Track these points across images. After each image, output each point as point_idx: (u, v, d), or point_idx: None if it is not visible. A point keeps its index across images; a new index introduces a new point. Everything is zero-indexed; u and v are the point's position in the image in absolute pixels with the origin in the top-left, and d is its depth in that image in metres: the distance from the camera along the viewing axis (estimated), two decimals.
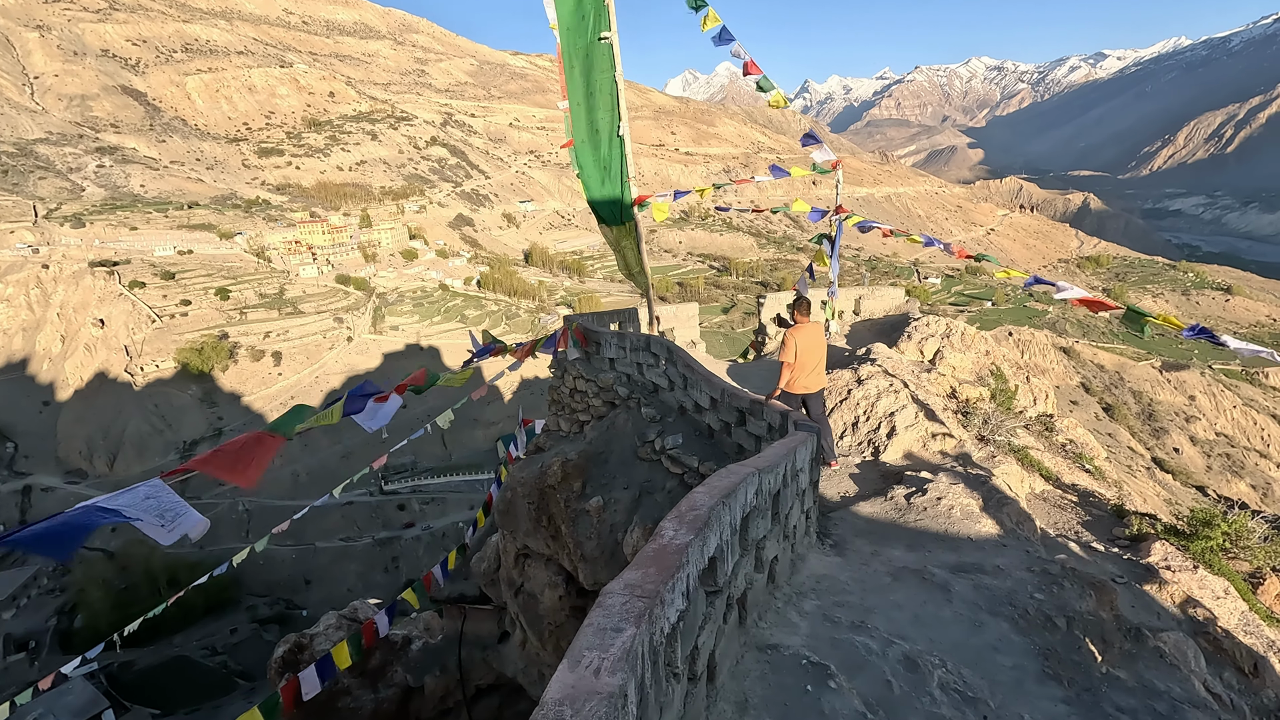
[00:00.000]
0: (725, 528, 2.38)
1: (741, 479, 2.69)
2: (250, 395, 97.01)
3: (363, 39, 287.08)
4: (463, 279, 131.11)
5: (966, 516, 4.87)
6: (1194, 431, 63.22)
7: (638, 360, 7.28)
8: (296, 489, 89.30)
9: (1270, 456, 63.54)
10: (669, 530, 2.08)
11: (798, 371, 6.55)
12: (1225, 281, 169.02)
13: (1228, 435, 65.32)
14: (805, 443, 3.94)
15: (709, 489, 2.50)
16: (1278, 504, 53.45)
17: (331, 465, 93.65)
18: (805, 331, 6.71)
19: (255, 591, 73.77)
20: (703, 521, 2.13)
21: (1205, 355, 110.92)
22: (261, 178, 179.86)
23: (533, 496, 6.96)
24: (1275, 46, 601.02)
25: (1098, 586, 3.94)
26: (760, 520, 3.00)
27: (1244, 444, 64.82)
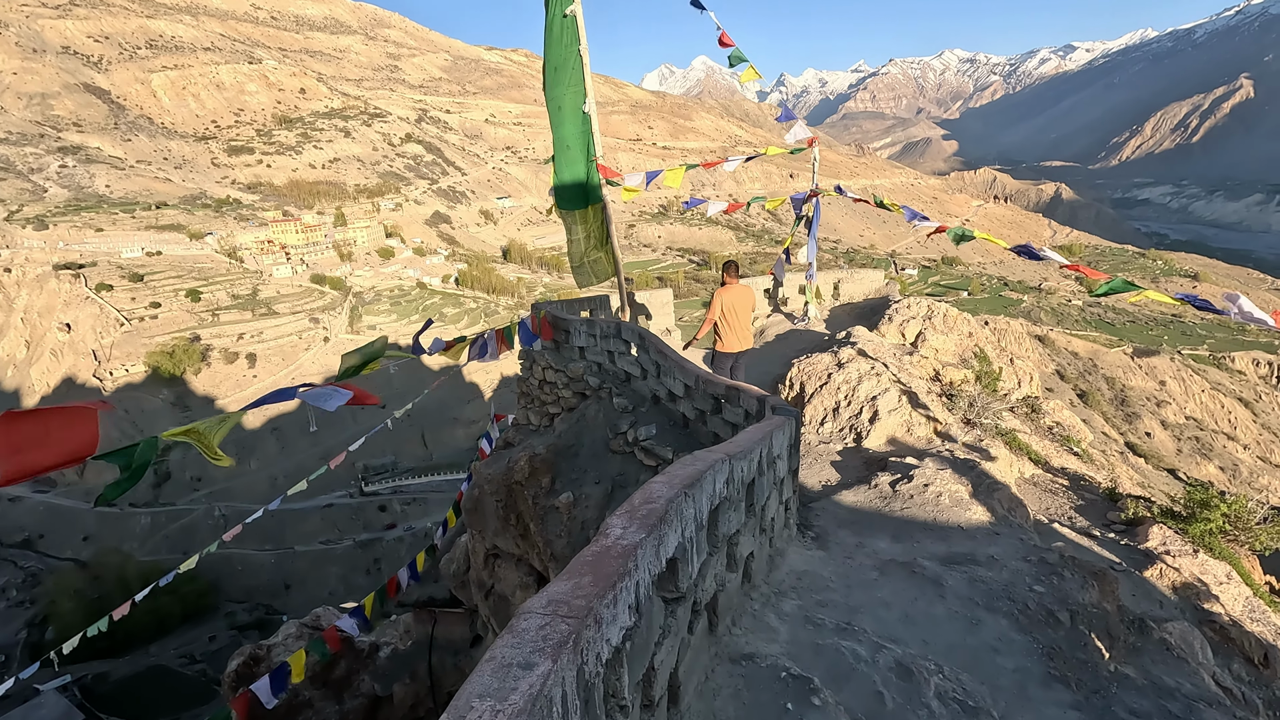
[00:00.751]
0: (688, 523, 2.03)
1: (708, 466, 2.34)
2: (225, 398, 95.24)
3: (333, 34, 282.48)
4: (440, 277, 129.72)
5: (955, 504, 4.59)
6: (1165, 416, 64.35)
7: (608, 348, 6.93)
8: (274, 492, 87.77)
9: (1237, 438, 64.93)
10: (616, 528, 1.72)
11: (725, 331, 6.94)
12: (1192, 269, 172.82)
13: (1197, 419, 66.61)
14: (783, 427, 3.61)
15: (669, 478, 2.14)
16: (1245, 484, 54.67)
17: (310, 467, 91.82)
18: (732, 292, 7.01)
19: (234, 598, 72.53)
20: (658, 516, 1.77)
21: (1174, 341, 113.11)
22: (232, 176, 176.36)
23: (500, 494, 6.60)
24: (1237, 38, 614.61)
25: (1100, 576, 3.68)
26: (732, 513, 2.67)
27: (1212, 427, 66.15)
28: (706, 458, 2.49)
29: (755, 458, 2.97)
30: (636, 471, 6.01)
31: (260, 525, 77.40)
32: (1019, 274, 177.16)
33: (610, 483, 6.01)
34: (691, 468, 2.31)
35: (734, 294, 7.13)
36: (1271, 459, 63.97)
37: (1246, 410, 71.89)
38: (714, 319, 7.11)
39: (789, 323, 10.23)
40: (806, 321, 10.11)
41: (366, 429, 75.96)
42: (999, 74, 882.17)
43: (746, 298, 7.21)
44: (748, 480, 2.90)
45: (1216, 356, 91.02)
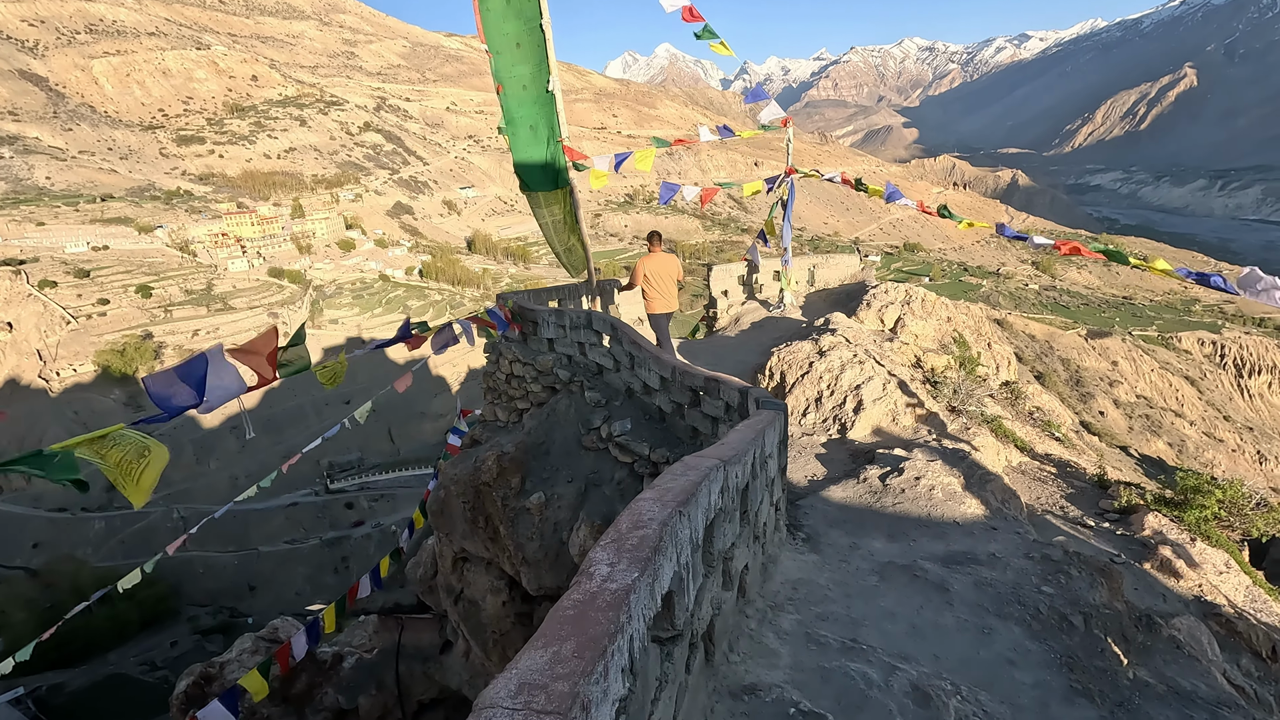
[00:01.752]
0: (684, 546, 1.74)
1: (703, 476, 2.05)
2: None
3: (286, 19, 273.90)
4: (404, 269, 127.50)
5: (949, 497, 4.40)
6: (1117, 395, 66.72)
7: (579, 340, 6.58)
8: (236, 492, 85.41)
9: (1184, 415, 67.65)
10: (602, 564, 1.39)
11: (651, 294, 7.53)
12: (1142, 252, 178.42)
13: (1147, 397, 69.18)
14: (773, 423, 3.34)
15: (660, 494, 1.84)
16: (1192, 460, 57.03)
17: (273, 465, 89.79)
18: (654, 259, 7.68)
19: (196, 601, 70.66)
20: (652, 546, 1.46)
21: (1126, 322, 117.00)
22: (182, 167, 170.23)
23: (468, 495, 6.23)
24: (1182, 28, 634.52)
25: (1107, 573, 3.51)
26: (727, 525, 2.39)
27: (1161, 405, 68.78)
28: (700, 466, 2.20)
29: (749, 461, 2.69)
30: (611, 469, 5.71)
31: (222, 526, 75.43)
32: (978, 259, 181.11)
33: (584, 481, 5.69)
34: (684, 479, 2.01)
35: (657, 261, 7.68)
36: (1215, 434, 66.75)
37: (1193, 388, 74.80)
38: (639, 284, 7.64)
39: (765, 310, 10.01)
40: (783, 308, 9.90)
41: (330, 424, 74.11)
42: (957, 62, 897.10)
43: (669, 264, 7.75)
44: (742, 486, 2.63)
45: (1165, 337, 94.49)
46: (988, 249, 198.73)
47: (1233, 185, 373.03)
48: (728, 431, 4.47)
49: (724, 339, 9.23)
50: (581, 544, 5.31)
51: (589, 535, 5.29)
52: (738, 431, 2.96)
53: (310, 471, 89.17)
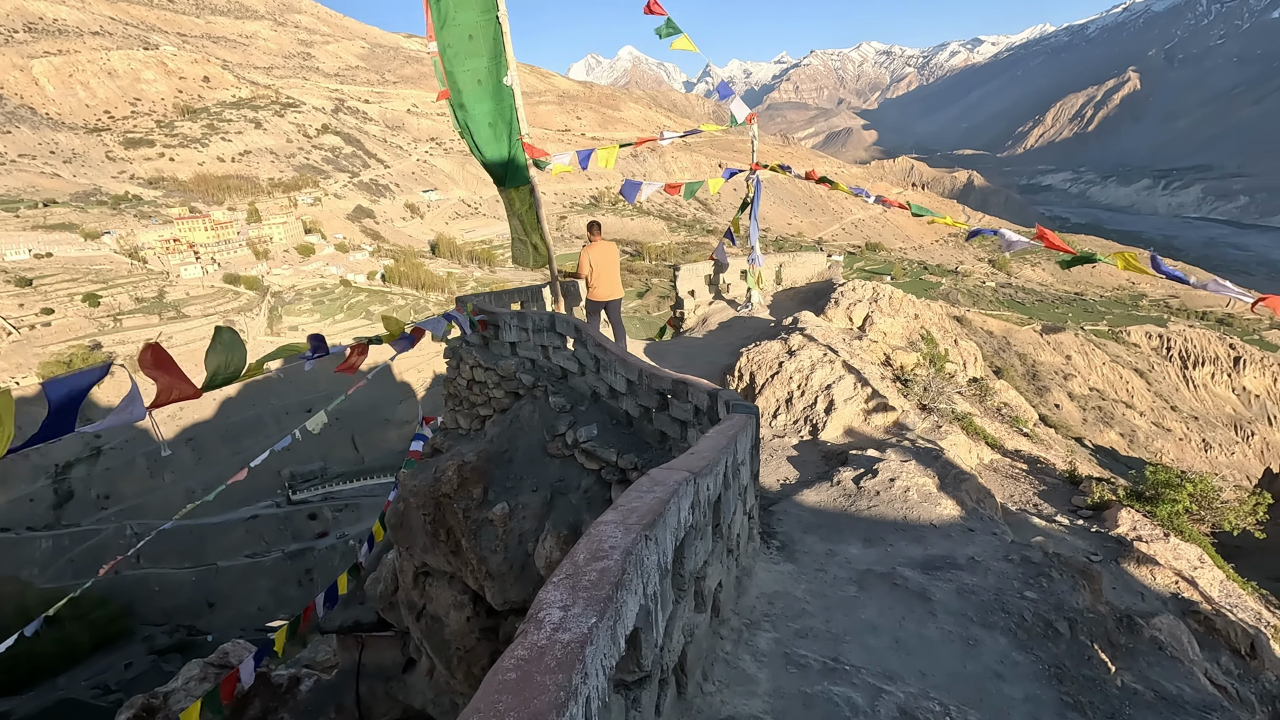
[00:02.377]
0: (651, 574, 1.54)
1: (671, 493, 1.86)
2: None
3: (238, 19, 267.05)
4: (366, 273, 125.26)
5: (924, 499, 4.30)
6: (1071, 388, 68.89)
7: (542, 343, 6.36)
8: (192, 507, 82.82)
9: (1134, 406, 70.20)
10: (553, 608, 1.18)
11: (596, 282, 7.79)
12: (1091, 250, 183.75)
13: (1099, 389, 71.59)
14: (745, 428, 3.18)
15: (623, 516, 1.63)
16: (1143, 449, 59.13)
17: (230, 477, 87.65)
18: (597, 248, 7.93)
19: (151, 620, 68.18)
20: (613, 581, 1.24)
21: (1078, 317, 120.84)
22: (130, 171, 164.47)
23: (428, 507, 5.95)
24: (1125, 33, 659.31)
25: (1088, 575, 3.43)
26: (699, 543, 2.21)
27: (1113, 396, 71.28)
28: (668, 480, 2.01)
29: (720, 470, 2.52)
30: (578, 477, 5.49)
31: (178, 542, 72.88)
32: (937, 258, 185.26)
33: (549, 490, 5.46)
34: (650, 496, 1.82)
35: (600, 250, 7.96)
36: (1164, 424, 69.30)
37: (1142, 380, 77.63)
38: (585, 274, 7.89)
39: (732, 310, 9.89)
40: (750, 308, 9.80)
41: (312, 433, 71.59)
42: (913, 66, 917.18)
43: (611, 252, 8.13)
44: (714, 498, 2.45)
45: (1115, 331, 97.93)
46: (946, 248, 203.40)
47: (1175, 185, 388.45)
48: (697, 437, 4.30)
49: (692, 340, 9.08)
50: (548, 555, 5.09)
51: (555, 546, 5.08)
52: (708, 439, 2.78)
53: (271, 482, 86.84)
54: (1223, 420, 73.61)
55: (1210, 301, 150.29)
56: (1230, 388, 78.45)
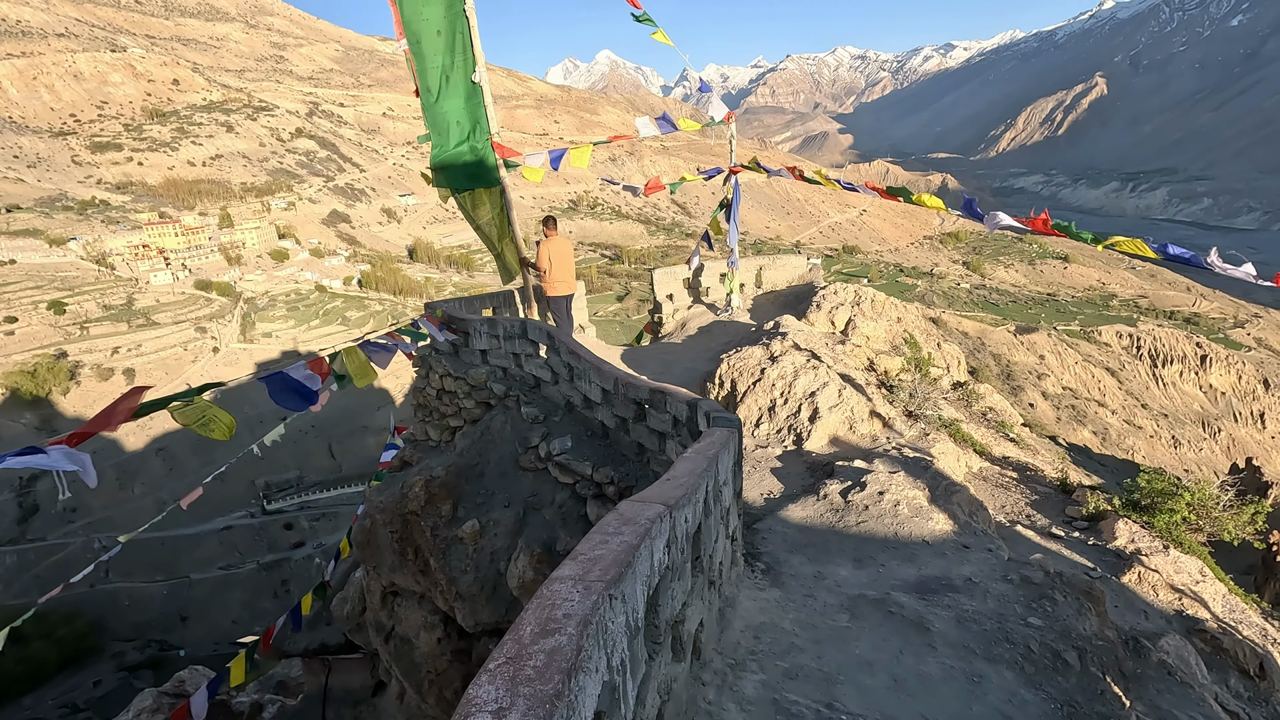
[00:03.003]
0: (618, 640, 1.27)
1: (643, 534, 1.60)
2: None
3: (209, 21, 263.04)
4: (342, 279, 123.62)
5: (915, 513, 4.10)
6: (1045, 387, 70.04)
7: (514, 350, 6.07)
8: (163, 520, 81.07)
9: (1106, 405, 71.58)
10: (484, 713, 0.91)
11: (552, 277, 7.83)
12: (1063, 251, 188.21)
13: (1072, 389, 72.88)
14: (727, 444, 2.94)
15: (583, 569, 1.34)
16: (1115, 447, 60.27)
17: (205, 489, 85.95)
18: (553, 243, 8.05)
19: (122, 636, 66.45)
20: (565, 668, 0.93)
21: (1051, 318, 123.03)
22: (97, 175, 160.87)
23: (395, 525, 5.64)
24: (1091, 40, 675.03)
25: (1093, 597, 3.24)
26: (676, 584, 1.95)
27: (1085, 395, 72.62)
28: (639, 519, 1.74)
29: (701, 497, 2.27)
30: (552, 491, 5.21)
31: (149, 555, 71.09)
32: (913, 260, 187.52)
33: (522, 505, 5.18)
34: (618, 540, 1.55)
35: (555, 245, 8.09)
36: (1135, 421, 70.66)
37: (1113, 379, 79.20)
38: (544, 267, 7.97)
39: (711, 314, 9.68)
40: (730, 312, 9.59)
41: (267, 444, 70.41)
42: (888, 70, 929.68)
43: (566, 247, 8.28)
44: (693, 530, 2.21)
45: (1087, 331, 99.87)
46: (921, 250, 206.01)
47: (1142, 187, 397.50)
48: (676, 450, 4.05)
49: (670, 346, 8.84)
50: (520, 575, 4.80)
51: (528, 565, 4.80)
52: (687, 460, 2.53)
53: (245, 492, 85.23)
54: (1191, 417, 75.30)
55: (1177, 301, 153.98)
56: (1198, 385, 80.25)
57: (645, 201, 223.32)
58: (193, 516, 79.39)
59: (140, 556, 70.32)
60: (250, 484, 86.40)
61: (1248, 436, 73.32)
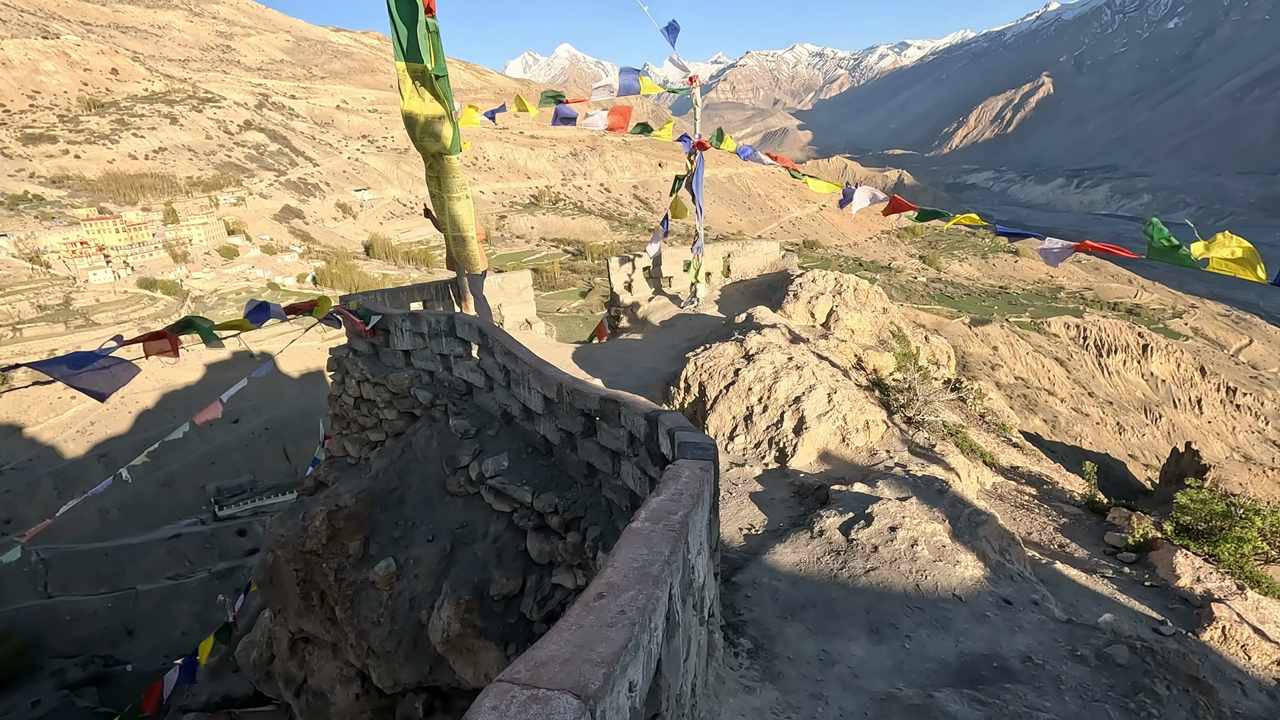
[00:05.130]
0: None
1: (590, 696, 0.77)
2: (35, 425, 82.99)
3: (150, 8, 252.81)
4: (295, 276, 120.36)
5: (938, 555, 3.26)
6: (998, 377, 71.75)
7: (440, 350, 5.04)
8: (105, 529, 77.90)
9: (1055, 393, 73.82)
10: None
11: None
12: (1014, 246, 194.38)
13: (1024, 378, 74.93)
14: (701, 495, 2.05)
15: None
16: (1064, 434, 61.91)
17: (148, 496, 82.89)
18: None
19: (61, 653, 63.11)
20: None
21: (1003, 310, 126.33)
22: (29, 169, 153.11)
23: (298, 562, 4.65)
24: (1039, 40, 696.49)
25: (1203, 688, 2.45)
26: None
27: (1036, 384, 74.72)
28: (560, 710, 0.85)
29: (659, 620, 1.37)
30: (485, 521, 4.25)
31: (92, 566, 67.64)
32: (871, 255, 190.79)
33: (448, 539, 4.22)
34: None
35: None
36: (1082, 409, 73.01)
37: (1062, 368, 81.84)
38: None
39: (675, 306, 8.75)
40: (695, 304, 8.66)
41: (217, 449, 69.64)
42: (845, 68, 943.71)
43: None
44: (659, 641, 1.31)
45: (1037, 322, 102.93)
46: (880, 245, 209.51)
47: (1086, 184, 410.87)
48: (633, 477, 3.16)
49: (629, 343, 7.85)
50: (445, 628, 3.85)
51: (453, 616, 3.85)
52: (635, 544, 1.61)
53: (195, 499, 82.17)
54: (1134, 404, 78.23)
55: (1120, 293, 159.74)
56: (1140, 373, 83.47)
57: (608, 197, 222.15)
58: (138, 525, 76.29)
59: (82, 568, 67.19)
60: (200, 490, 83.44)
61: (1186, 422, 76.44)
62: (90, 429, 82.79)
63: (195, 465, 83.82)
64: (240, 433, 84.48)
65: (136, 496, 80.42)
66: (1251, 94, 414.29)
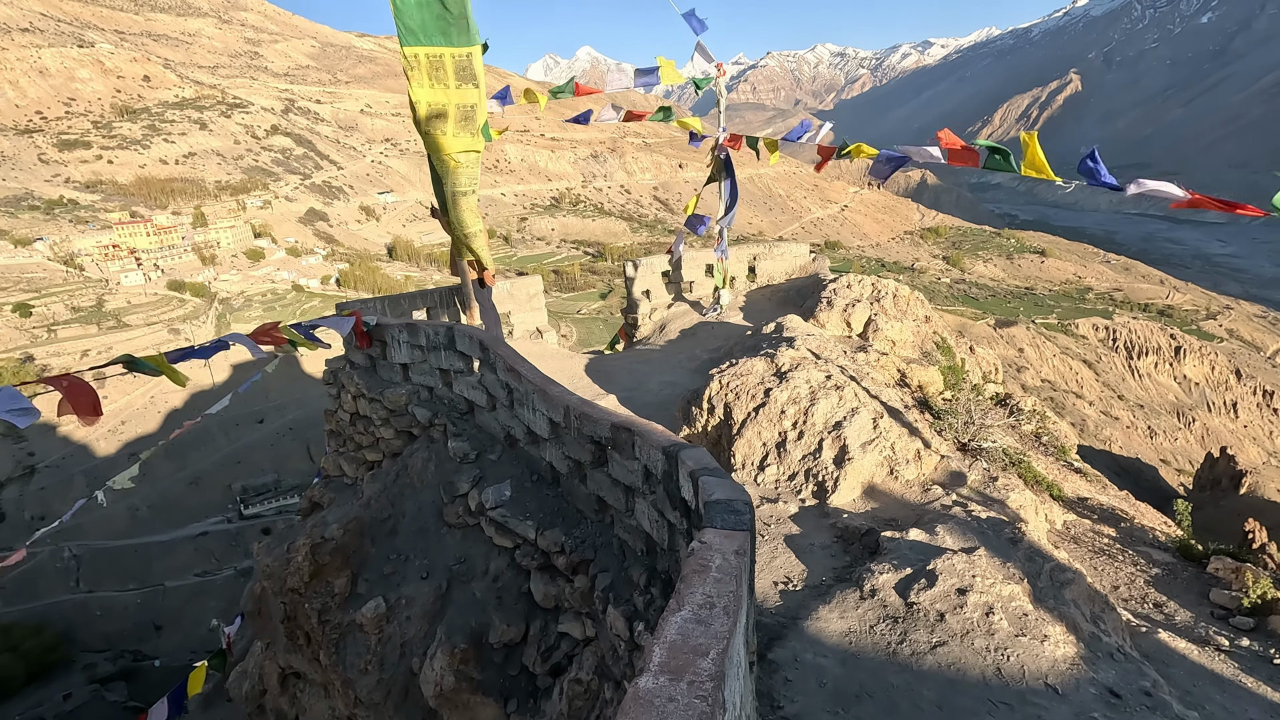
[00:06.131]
0: None
1: None
2: (69, 424, 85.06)
3: (180, 16, 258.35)
4: (319, 278, 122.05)
5: (1019, 628, 2.70)
6: (1024, 380, 70.21)
7: (440, 365, 4.58)
8: (135, 525, 79.51)
9: (1084, 396, 72.10)
10: None
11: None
12: (1040, 245, 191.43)
13: (1051, 381, 73.27)
14: (741, 590, 1.54)
15: None
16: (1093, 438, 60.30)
17: (176, 494, 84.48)
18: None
19: (92, 647, 64.54)
20: None
21: (1029, 312, 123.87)
22: (65, 174, 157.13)
23: (285, 596, 4.23)
24: (1066, 36, 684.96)
25: None
26: None
27: (1063, 387, 73.01)
28: None
29: None
30: (485, 556, 3.77)
31: (122, 562, 68.92)
32: (894, 256, 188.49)
33: (444, 576, 3.75)
34: None
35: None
36: (1111, 412, 71.17)
37: (1090, 370, 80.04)
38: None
39: (696, 313, 8.21)
40: (719, 311, 8.11)
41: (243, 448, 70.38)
42: (866, 67, 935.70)
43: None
44: None
45: (1064, 324, 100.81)
46: (903, 245, 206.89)
47: None
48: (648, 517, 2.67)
49: (647, 353, 7.33)
50: (438, 680, 3.38)
51: (448, 667, 3.39)
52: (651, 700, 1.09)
53: (222, 497, 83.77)
54: (1166, 407, 76.16)
55: (1152, 294, 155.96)
56: (1172, 376, 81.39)
57: (628, 198, 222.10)
58: (167, 523, 77.77)
59: (112, 564, 68.64)
60: (226, 489, 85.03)
61: (1221, 426, 74.20)
62: (121, 429, 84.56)
63: (222, 464, 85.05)
64: (265, 432, 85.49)
65: (165, 495, 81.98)
66: None
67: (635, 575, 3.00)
